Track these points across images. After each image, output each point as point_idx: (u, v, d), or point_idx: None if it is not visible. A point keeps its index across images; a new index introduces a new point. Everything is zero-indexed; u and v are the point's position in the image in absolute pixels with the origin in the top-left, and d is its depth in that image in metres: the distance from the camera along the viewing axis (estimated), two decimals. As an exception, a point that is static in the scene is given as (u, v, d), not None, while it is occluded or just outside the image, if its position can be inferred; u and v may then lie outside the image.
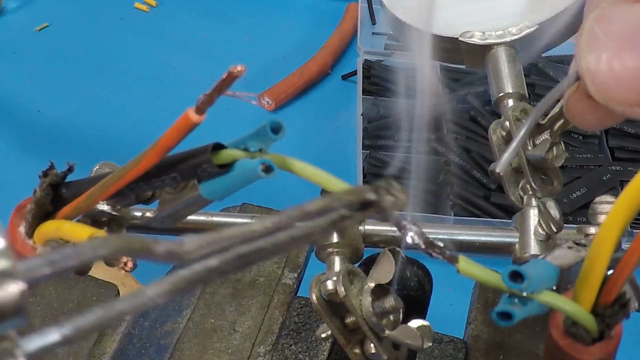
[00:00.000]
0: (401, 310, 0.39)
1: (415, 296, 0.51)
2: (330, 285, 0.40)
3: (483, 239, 0.47)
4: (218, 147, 0.30)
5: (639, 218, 0.95)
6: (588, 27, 0.27)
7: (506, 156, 0.28)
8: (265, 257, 0.23)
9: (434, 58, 0.55)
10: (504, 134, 0.48)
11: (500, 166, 0.28)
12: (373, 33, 1.36)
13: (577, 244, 0.32)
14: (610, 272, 0.29)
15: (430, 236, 0.29)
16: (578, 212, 1.02)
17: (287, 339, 0.53)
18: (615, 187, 1.05)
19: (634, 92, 0.26)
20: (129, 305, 0.20)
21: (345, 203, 0.24)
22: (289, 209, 0.24)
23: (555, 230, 0.43)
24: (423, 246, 0.28)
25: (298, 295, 0.58)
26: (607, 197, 0.45)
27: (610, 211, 0.27)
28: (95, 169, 0.45)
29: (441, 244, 0.28)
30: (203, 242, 0.22)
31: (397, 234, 0.29)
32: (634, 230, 0.94)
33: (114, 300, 0.20)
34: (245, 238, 0.22)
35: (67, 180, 0.35)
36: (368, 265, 0.43)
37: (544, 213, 0.43)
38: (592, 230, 0.44)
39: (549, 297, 0.28)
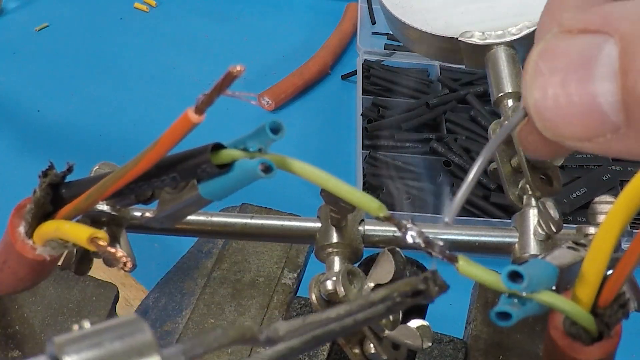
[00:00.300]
0: (400, 310, 0.39)
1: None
2: (329, 285, 0.40)
3: (483, 239, 0.47)
4: (217, 147, 0.30)
5: (639, 218, 0.95)
6: (532, 63, 0.27)
7: (456, 202, 0.28)
8: (334, 338, 0.28)
9: (433, 58, 0.54)
10: (504, 134, 0.48)
11: (449, 215, 0.28)
12: (373, 33, 1.36)
13: (576, 243, 0.32)
14: (610, 272, 0.29)
15: (430, 236, 0.29)
16: (578, 212, 1.02)
17: (286, 339, 0.53)
18: (615, 187, 1.05)
19: (582, 127, 0.26)
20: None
21: (401, 293, 0.28)
22: (357, 300, 0.28)
23: (554, 230, 0.43)
24: (423, 246, 0.28)
25: (298, 295, 0.58)
26: (607, 197, 0.45)
27: (609, 211, 0.27)
28: (94, 169, 0.45)
29: (441, 244, 0.28)
30: (291, 328, 0.27)
31: (397, 234, 0.29)
32: (634, 230, 0.94)
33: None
34: (322, 324, 0.27)
35: (66, 180, 0.35)
36: (367, 265, 0.43)
37: (543, 213, 0.43)
38: (591, 230, 0.44)
39: (548, 297, 0.28)
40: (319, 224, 0.46)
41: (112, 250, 0.32)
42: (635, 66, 0.23)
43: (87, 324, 0.24)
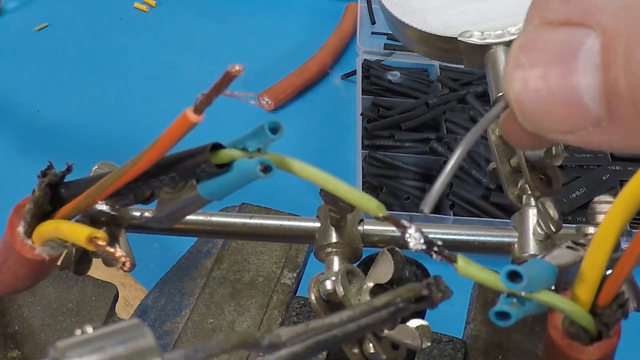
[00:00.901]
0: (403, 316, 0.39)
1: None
2: (329, 285, 0.40)
3: (482, 238, 0.47)
4: (217, 146, 0.30)
5: (638, 217, 0.95)
6: (514, 55, 0.26)
7: (433, 193, 0.28)
8: (337, 344, 0.28)
9: (433, 58, 0.54)
10: (503, 133, 0.48)
11: (427, 206, 0.28)
12: (372, 33, 1.36)
13: (576, 243, 0.32)
14: (609, 272, 0.29)
15: (430, 236, 0.29)
16: (577, 212, 1.02)
17: (286, 338, 0.53)
18: (614, 187, 1.05)
19: (563, 120, 0.25)
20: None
21: (404, 298, 0.29)
22: (360, 305, 0.28)
23: (554, 230, 0.43)
24: (422, 246, 0.28)
25: (297, 295, 0.58)
26: (606, 197, 0.45)
27: (608, 211, 0.27)
28: (94, 169, 0.45)
29: (440, 244, 0.28)
30: (294, 333, 0.27)
31: (396, 233, 0.29)
32: (633, 230, 0.94)
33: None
34: (325, 329, 0.27)
35: (65, 180, 0.35)
36: (367, 265, 0.43)
37: (542, 213, 0.43)
38: (591, 230, 0.44)
39: (548, 297, 0.28)
40: (318, 224, 0.46)
41: (111, 250, 0.32)
42: (617, 60, 0.23)
43: (89, 329, 0.24)
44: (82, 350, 0.23)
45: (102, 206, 0.41)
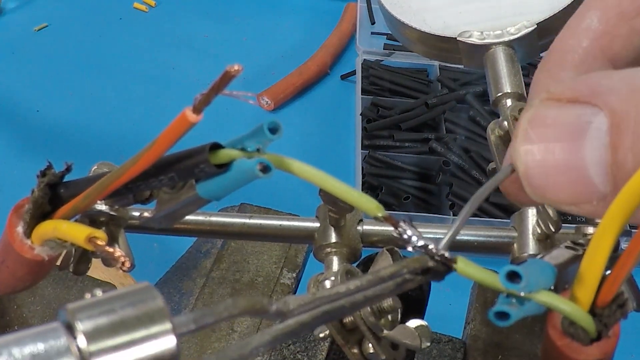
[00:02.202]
0: (399, 310, 0.39)
1: (413, 296, 0.51)
2: (328, 285, 0.40)
3: (481, 238, 0.47)
4: (216, 146, 0.30)
5: (638, 218, 0.95)
6: (522, 129, 0.27)
7: (447, 239, 0.29)
8: (345, 314, 0.29)
9: (432, 58, 0.54)
10: (503, 133, 0.48)
11: (443, 246, 0.29)
12: (372, 33, 1.36)
13: (575, 243, 0.32)
14: (608, 272, 0.29)
15: (429, 236, 0.29)
16: (577, 212, 1.02)
17: (285, 338, 0.53)
18: (614, 187, 1.05)
19: (569, 193, 0.27)
20: (237, 354, 0.25)
21: (410, 269, 0.29)
22: (366, 275, 0.28)
23: (553, 229, 0.43)
24: (421, 247, 0.28)
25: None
26: (606, 197, 0.45)
27: (608, 211, 0.27)
28: (93, 169, 0.45)
29: (439, 245, 0.28)
30: (301, 302, 0.27)
31: (395, 234, 0.29)
32: (633, 230, 0.94)
33: (229, 347, 0.25)
34: (332, 298, 0.27)
35: (65, 180, 0.35)
36: (366, 265, 0.43)
37: (542, 213, 0.43)
38: (590, 230, 0.44)
39: (547, 297, 0.28)
40: (317, 224, 0.46)
41: (111, 250, 0.32)
42: (625, 143, 0.24)
43: (99, 292, 0.24)
44: (92, 312, 0.23)
45: (102, 206, 0.41)
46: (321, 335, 0.42)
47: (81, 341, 0.22)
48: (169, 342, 0.23)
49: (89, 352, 0.22)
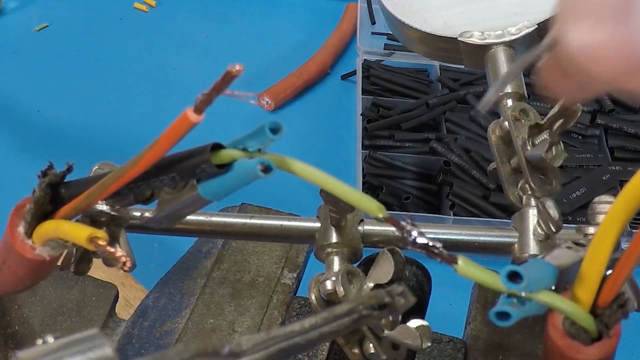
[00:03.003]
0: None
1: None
2: (329, 285, 0.40)
3: (482, 239, 0.47)
4: (217, 147, 0.30)
5: (638, 217, 0.95)
6: (570, 8, 0.28)
7: (490, 93, 0.29)
8: (300, 351, 0.28)
9: (433, 58, 0.54)
10: (503, 134, 0.48)
11: (482, 104, 0.28)
12: (372, 33, 1.36)
13: (576, 244, 0.32)
14: (609, 272, 0.29)
15: (430, 236, 0.29)
16: (577, 212, 1.02)
17: (286, 338, 0.53)
18: (614, 187, 1.05)
19: (615, 65, 0.27)
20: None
21: (367, 306, 0.29)
22: (321, 313, 0.28)
23: (554, 230, 0.43)
24: (422, 247, 0.28)
25: (297, 295, 0.58)
26: (607, 197, 0.45)
27: (609, 211, 0.27)
28: (94, 169, 0.45)
29: (440, 245, 0.28)
30: (255, 342, 0.27)
31: (396, 234, 0.29)
32: (633, 230, 0.94)
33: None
34: (286, 337, 0.28)
35: (66, 180, 0.35)
36: (367, 265, 0.43)
37: (543, 213, 0.43)
38: (591, 230, 0.44)
39: (548, 297, 0.28)
40: (318, 224, 0.46)
41: (112, 250, 0.32)
42: None
43: (50, 339, 0.25)
44: None
45: (103, 206, 0.41)
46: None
47: None
48: None
49: None
